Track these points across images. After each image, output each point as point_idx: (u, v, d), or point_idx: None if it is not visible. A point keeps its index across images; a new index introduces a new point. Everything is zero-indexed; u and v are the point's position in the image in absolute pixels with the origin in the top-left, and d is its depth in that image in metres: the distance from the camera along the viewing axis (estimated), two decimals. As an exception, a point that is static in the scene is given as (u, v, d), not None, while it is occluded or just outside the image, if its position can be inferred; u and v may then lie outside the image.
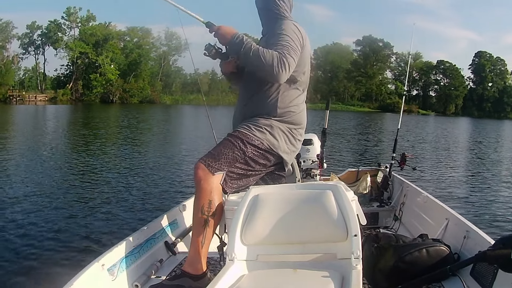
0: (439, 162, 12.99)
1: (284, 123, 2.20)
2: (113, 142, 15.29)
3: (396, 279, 2.05)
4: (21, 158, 10.30)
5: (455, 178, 10.13)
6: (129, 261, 2.15)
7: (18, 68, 68.12)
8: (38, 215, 5.55)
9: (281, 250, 1.74)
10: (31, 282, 3.63)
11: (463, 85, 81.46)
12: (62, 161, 10.17)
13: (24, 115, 31.38)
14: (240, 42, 2.04)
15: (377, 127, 30.92)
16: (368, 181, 4.20)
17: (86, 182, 7.93)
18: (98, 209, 5.97)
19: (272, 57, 1.98)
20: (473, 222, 2.51)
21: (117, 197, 6.75)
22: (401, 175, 4.24)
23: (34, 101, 57.66)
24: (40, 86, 67.44)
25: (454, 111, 79.74)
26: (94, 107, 48.84)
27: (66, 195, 6.81)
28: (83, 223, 5.32)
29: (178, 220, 2.84)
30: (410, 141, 19.39)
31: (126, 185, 7.72)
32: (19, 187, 7.19)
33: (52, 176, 8.29)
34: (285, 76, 2.02)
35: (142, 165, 10.13)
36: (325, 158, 3.99)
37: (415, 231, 3.12)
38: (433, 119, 57.11)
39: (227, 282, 1.58)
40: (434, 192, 6.93)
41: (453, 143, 20.64)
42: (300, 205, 1.77)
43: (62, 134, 17.96)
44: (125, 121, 27.32)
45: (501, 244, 1.89)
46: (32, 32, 67.77)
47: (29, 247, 4.42)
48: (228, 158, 2.08)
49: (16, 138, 15.48)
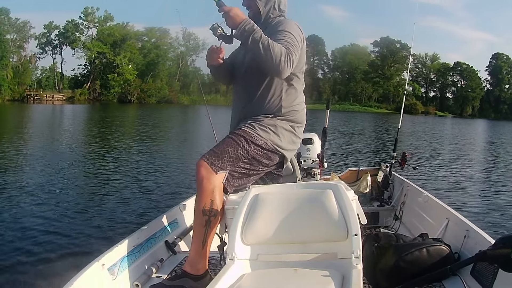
0: (440, 162, 12.99)
1: (287, 121, 2.19)
2: (121, 142, 15.23)
3: (397, 278, 2.05)
4: (22, 159, 10.30)
5: (456, 178, 10.12)
6: (130, 261, 2.15)
7: (36, 68, 69.16)
8: (38, 215, 5.55)
9: (282, 250, 1.74)
10: (31, 282, 3.63)
11: (480, 87, 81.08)
12: (63, 161, 10.16)
13: (42, 114, 31.78)
14: (250, 28, 1.98)
15: (392, 128, 31.07)
16: (368, 180, 4.20)
17: (86, 182, 7.93)
18: (98, 209, 5.98)
19: (281, 51, 1.95)
20: (474, 222, 2.51)
21: (117, 197, 6.75)
22: (402, 175, 4.24)
23: (52, 101, 58.30)
24: (57, 85, 68.16)
25: (471, 113, 79.34)
26: (111, 106, 49.37)
27: (66, 195, 6.81)
28: (83, 222, 5.32)
29: (178, 219, 2.84)
30: (426, 141, 19.48)
31: (126, 186, 7.72)
32: (20, 187, 7.19)
33: (52, 176, 8.29)
34: (288, 72, 2.01)
35: (145, 165, 10.11)
36: (325, 158, 3.99)
37: (416, 230, 3.12)
38: (450, 120, 57.06)
39: (228, 282, 1.58)
40: (435, 192, 6.94)
41: (459, 144, 20.53)
42: (300, 204, 1.77)
43: (72, 132, 18.03)
44: (141, 120, 27.60)
45: (501, 243, 1.89)
46: (49, 32, 68.60)
47: (29, 247, 4.42)
48: (231, 157, 2.06)
49: (31, 136, 15.63)
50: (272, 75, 2.08)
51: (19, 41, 65.05)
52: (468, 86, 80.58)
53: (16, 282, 3.64)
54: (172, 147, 14.36)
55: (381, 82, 77.61)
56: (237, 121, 2.25)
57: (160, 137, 17.83)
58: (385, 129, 28.09)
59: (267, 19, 2.23)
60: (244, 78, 2.26)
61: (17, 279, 3.69)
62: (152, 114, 33.91)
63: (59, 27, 68.31)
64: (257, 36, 1.96)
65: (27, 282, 3.63)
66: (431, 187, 8.17)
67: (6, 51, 59.30)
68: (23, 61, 64.22)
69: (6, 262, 4.03)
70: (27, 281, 3.64)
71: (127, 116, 33.32)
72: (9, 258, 4.11)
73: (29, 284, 3.61)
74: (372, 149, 15.78)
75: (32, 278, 3.69)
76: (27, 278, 3.69)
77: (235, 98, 2.35)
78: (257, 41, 1.95)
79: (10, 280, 3.68)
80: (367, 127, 28.95)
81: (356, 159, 12.22)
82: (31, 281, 3.64)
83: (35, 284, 3.59)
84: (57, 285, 1.75)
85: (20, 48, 65.28)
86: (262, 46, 1.94)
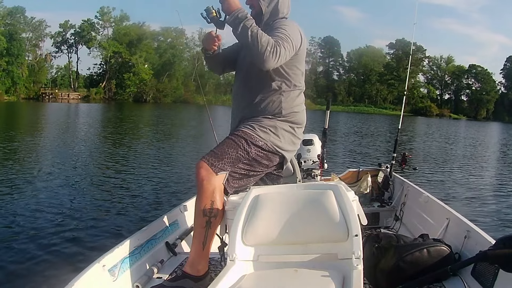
0: (441, 163, 12.99)
1: (287, 123, 2.19)
2: (131, 141, 15.10)
3: (397, 279, 2.05)
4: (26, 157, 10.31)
5: (456, 178, 10.12)
6: (130, 262, 2.15)
7: (51, 67, 69.65)
8: (38, 215, 5.55)
9: (282, 251, 1.74)
10: (32, 283, 3.62)
11: (494, 89, 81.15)
12: (64, 162, 10.15)
13: (58, 112, 32.02)
14: (243, 16, 2.00)
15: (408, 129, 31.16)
16: (368, 181, 4.20)
17: (86, 182, 7.92)
18: (98, 209, 5.97)
19: (268, 42, 1.95)
20: (474, 222, 2.51)
21: (117, 197, 6.74)
22: (402, 175, 4.24)
23: (67, 99, 58.71)
24: (72, 84, 68.50)
25: (485, 116, 79.27)
26: (127, 106, 49.72)
27: (66, 194, 6.80)
28: (83, 223, 5.31)
29: (178, 220, 2.84)
30: (437, 142, 19.55)
31: (127, 185, 7.71)
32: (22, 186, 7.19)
33: (52, 175, 8.28)
34: (273, 63, 1.98)
35: (149, 165, 10.10)
36: (326, 158, 3.99)
37: (416, 231, 3.12)
38: (464, 123, 57.05)
39: (228, 283, 1.58)
40: (436, 192, 6.94)
41: (463, 146, 20.53)
42: (301, 205, 1.77)
43: (85, 131, 18.11)
44: (156, 120, 27.73)
45: (502, 244, 1.89)
46: (65, 31, 68.98)
47: (30, 248, 4.41)
48: (231, 158, 2.06)
49: (44, 132, 15.95)
50: (257, 65, 2.03)
51: (34, 40, 65.41)
52: (483, 89, 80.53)
53: (16, 283, 3.63)
54: (179, 147, 14.26)
55: (396, 84, 77.27)
56: (237, 122, 2.25)
57: (168, 136, 17.68)
58: (390, 131, 28.15)
59: (268, 20, 2.22)
60: (245, 79, 2.26)
61: (17, 280, 3.68)
62: (167, 114, 34.11)
63: (74, 26, 68.72)
64: (248, 24, 1.97)
65: (27, 284, 3.62)
66: (431, 187, 8.17)
67: (22, 49, 59.60)
68: (38, 60, 64.65)
69: (6, 263, 4.02)
70: (27, 283, 3.64)
71: (141, 115, 33.57)
72: (9, 259, 4.10)
73: (30, 285, 3.60)
74: (376, 149, 15.79)
75: (32, 279, 3.68)
76: (28, 280, 3.69)
77: (235, 98, 2.35)
78: (246, 28, 1.96)
79: (10, 280, 3.67)
80: (379, 128, 28.94)
81: (365, 158, 12.25)
82: (31, 282, 3.63)
83: (35, 285, 3.59)
84: (57, 286, 1.75)
85: (35, 46, 65.77)
86: (251, 34, 1.95)
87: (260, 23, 2.17)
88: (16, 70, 56.95)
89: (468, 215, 3.41)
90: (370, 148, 16.42)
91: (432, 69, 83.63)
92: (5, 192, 6.70)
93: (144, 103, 60.66)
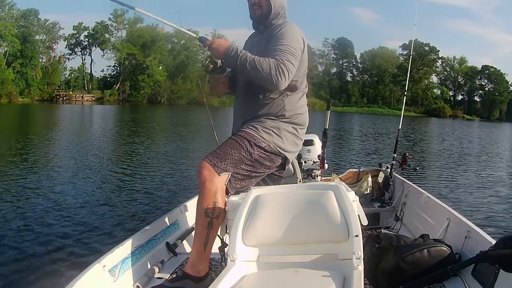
0: (442, 163, 12.98)
1: (290, 124, 2.19)
2: (141, 143, 15.00)
3: (398, 279, 2.05)
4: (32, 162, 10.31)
5: (456, 178, 10.11)
6: (131, 262, 2.15)
7: (64, 68, 69.92)
8: (38, 216, 5.55)
9: (283, 251, 1.74)
10: (32, 284, 3.62)
11: (507, 90, 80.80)
12: (65, 164, 10.16)
13: (71, 114, 32.13)
14: (235, 54, 2.01)
15: (422, 130, 31.12)
16: (369, 181, 4.20)
17: (87, 182, 7.92)
18: (98, 210, 5.97)
19: (269, 65, 1.95)
20: (474, 222, 2.51)
21: (117, 198, 6.75)
22: (403, 175, 4.23)
23: (81, 101, 58.93)
24: (86, 86, 68.67)
25: (499, 117, 79.05)
26: (141, 107, 50.00)
27: (66, 194, 6.80)
28: (83, 223, 5.31)
29: (179, 220, 2.84)
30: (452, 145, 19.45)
31: (127, 186, 7.72)
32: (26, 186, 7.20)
33: (52, 175, 8.29)
34: (284, 82, 2.00)
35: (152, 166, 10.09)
36: (326, 159, 3.99)
37: (416, 231, 3.12)
38: (477, 124, 56.81)
39: (229, 283, 1.58)
40: (436, 192, 6.94)
41: (465, 147, 20.48)
42: (301, 205, 1.77)
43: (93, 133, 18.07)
44: (169, 121, 27.82)
45: (502, 244, 1.89)
46: (78, 33, 69.17)
47: (30, 248, 4.41)
48: (234, 159, 2.06)
49: (58, 134, 16.02)
50: (271, 89, 2.09)
51: (48, 42, 65.71)
52: (496, 89, 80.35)
53: (16, 284, 3.63)
54: (191, 149, 14.19)
55: (409, 85, 76.86)
56: (240, 123, 2.25)
57: (179, 137, 17.56)
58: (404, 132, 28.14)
59: (273, 20, 2.22)
60: (247, 80, 2.25)
61: (18, 281, 3.69)
62: (181, 116, 34.22)
63: (88, 28, 68.87)
64: (243, 59, 1.99)
65: (28, 284, 3.62)
66: (432, 187, 8.17)
67: (36, 51, 59.94)
68: (52, 62, 64.96)
69: (7, 263, 4.02)
70: (27, 283, 3.64)
71: (156, 116, 33.75)
72: (9, 260, 4.11)
73: (30, 285, 3.60)
74: (383, 149, 15.81)
75: (33, 280, 3.68)
76: (28, 280, 3.69)
77: (238, 99, 2.35)
78: (244, 64, 1.98)
79: (11, 281, 3.67)
80: (390, 128, 28.89)
81: (373, 157, 12.23)
82: (32, 283, 3.63)
83: (36, 285, 3.59)
84: (57, 286, 1.76)
85: (49, 48, 66.05)
86: (250, 67, 1.97)
87: (265, 23, 2.19)
88: (30, 72, 57.25)
89: (468, 216, 3.41)
90: (376, 148, 16.43)
91: (445, 70, 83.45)
92: (14, 194, 6.73)
93: (158, 104, 60.85)
